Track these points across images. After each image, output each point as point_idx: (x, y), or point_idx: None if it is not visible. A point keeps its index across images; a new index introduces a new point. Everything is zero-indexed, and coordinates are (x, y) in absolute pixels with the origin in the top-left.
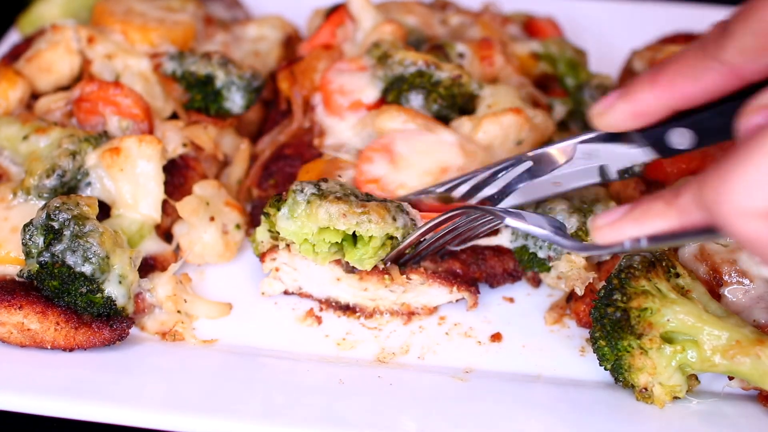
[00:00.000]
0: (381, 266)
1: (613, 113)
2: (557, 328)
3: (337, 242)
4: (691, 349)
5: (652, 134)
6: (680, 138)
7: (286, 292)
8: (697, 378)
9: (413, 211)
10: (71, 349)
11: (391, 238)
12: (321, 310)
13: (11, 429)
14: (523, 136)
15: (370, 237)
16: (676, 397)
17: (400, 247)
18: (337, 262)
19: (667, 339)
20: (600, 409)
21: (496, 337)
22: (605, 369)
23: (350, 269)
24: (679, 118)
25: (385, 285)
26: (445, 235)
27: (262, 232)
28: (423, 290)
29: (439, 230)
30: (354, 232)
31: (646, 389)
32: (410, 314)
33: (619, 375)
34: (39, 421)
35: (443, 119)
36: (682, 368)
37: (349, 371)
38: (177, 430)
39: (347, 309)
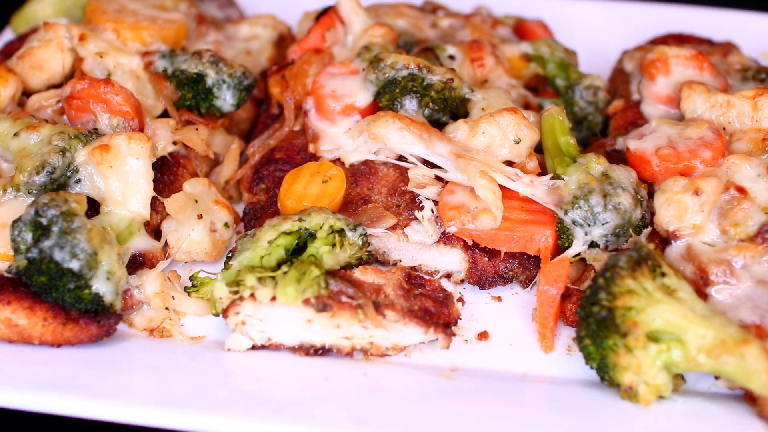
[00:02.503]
0: (353, 302)
1: None
2: None
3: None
4: (676, 348)
5: None
6: None
7: (254, 347)
8: (683, 377)
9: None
10: (59, 345)
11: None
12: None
13: None
14: (521, 134)
15: (309, 270)
16: (661, 396)
17: None
18: (307, 302)
19: (653, 338)
20: (586, 408)
21: (483, 335)
22: (591, 368)
23: (321, 308)
24: None
25: (359, 320)
26: None
27: (220, 289)
28: (396, 329)
29: None
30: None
31: (631, 388)
32: (382, 355)
33: (605, 374)
34: (26, 416)
35: (435, 123)
36: (667, 367)
37: (335, 368)
38: (164, 426)
39: (323, 352)
